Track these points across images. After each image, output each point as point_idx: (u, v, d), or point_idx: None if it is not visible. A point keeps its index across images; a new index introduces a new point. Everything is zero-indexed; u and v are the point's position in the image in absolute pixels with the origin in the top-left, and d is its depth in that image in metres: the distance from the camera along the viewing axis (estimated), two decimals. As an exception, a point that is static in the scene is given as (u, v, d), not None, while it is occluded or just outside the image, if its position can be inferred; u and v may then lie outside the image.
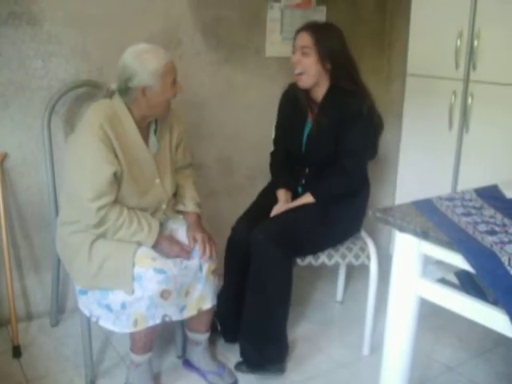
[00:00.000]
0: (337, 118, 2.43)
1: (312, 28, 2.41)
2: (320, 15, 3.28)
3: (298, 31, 2.45)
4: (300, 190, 2.62)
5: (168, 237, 2.22)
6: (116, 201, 2.09)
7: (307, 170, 2.61)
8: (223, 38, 3.03)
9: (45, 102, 2.50)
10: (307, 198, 2.51)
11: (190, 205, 2.38)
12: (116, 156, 2.05)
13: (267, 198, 2.64)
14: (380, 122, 2.50)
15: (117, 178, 2.07)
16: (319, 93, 2.49)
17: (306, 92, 2.52)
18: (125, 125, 2.11)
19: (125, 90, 2.09)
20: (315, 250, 2.48)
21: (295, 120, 2.60)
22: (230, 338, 2.57)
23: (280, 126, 2.71)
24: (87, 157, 2.02)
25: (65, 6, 2.53)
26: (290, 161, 2.67)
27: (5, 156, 2.55)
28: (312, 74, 2.41)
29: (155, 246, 2.13)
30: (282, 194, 2.60)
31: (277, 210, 2.51)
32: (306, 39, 2.39)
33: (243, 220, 2.54)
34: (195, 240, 2.24)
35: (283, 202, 2.55)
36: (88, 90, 2.57)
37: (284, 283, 2.36)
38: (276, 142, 2.76)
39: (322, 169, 2.54)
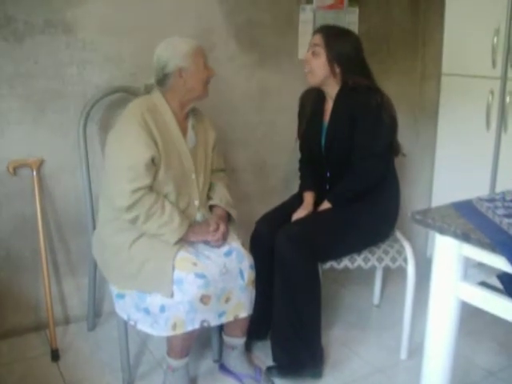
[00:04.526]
0: (350, 115, 2.43)
1: (326, 30, 2.48)
2: (352, 16, 3.25)
3: (315, 32, 2.53)
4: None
5: (192, 230, 2.20)
6: (152, 188, 2.12)
7: (328, 174, 2.60)
8: (256, 41, 3.03)
9: (80, 109, 2.54)
10: (325, 205, 2.51)
11: (217, 199, 2.38)
12: (156, 144, 2.11)
13: (295, 200, 2.64)
14: (392, 120, 2.46)
15: (155, 164, 2.11)
16: (332, 92, 2.51)
17: (322, 92, 2.56)
18: (164, 116, 2.20)
19: (162, 79, 2.21)
20: (339, 253, 2.45)
21: (313, 122, 2.62)
22: (255, 336, 2.54)
23: (301, 131, 2.71)
24: (127, 140, 2.11)
25: (98, 13, 2.57)
26: (315, 166, 2.67)
27: (41, 162, 2.58)
28: (318, 75, 2.47)
29: (181, 241, 2.16)
30: (307, 196, 2.61)
31: (297, 215, 2.51)
32: (318, 40, 2.45)
33: (267, 216, 2.58)
34: (218, 227, 2.24)
35: (306, 207, 2.55)
36: (122, 96, 2.59)
37: (311, 285, 2.33)
38: (300, 147, 2.76)
39: (342, 171, 2.52)
